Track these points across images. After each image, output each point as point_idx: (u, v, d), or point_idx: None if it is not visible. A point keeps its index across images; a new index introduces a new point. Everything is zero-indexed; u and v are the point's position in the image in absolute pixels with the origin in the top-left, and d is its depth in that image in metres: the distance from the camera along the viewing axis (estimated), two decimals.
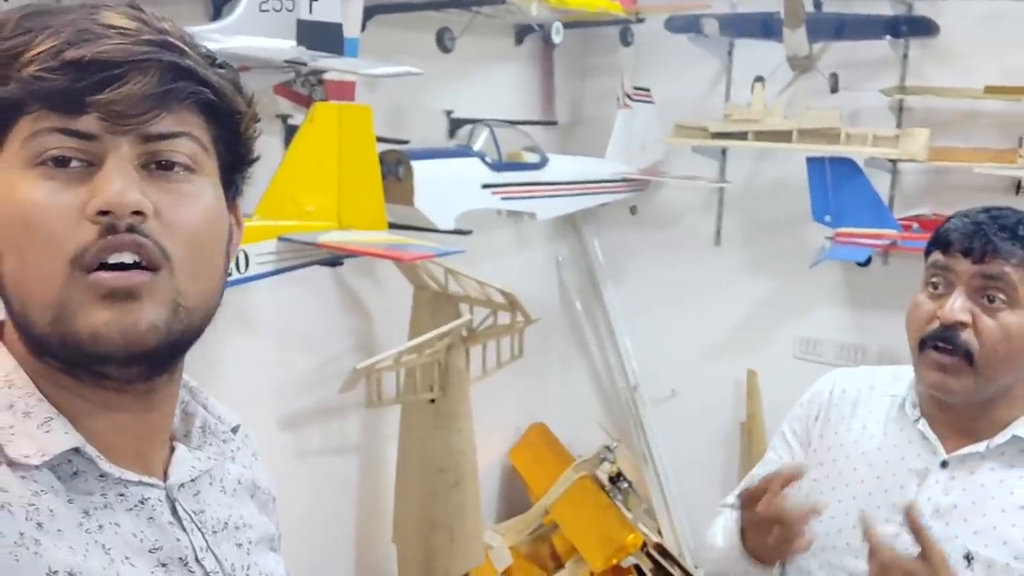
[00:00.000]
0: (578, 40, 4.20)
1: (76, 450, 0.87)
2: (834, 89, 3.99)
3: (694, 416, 4.57)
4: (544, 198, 3.79)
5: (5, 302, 0.87)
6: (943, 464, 1.65)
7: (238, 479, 1.06)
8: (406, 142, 3.34)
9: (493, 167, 3.53)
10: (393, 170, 3.19)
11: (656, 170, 4.38)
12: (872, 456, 1.72)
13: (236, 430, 1.08)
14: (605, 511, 4.14)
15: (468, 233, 3.35)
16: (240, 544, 1.01)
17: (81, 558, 0.83)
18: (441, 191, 3.29)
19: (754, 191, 4.37)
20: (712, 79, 4.37)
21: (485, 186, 3.50)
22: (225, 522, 1.00)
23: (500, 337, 3.55)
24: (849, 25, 3.90)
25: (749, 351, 4.45)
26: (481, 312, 3.50)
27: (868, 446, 1.74)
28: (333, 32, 2.63)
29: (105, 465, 0.88)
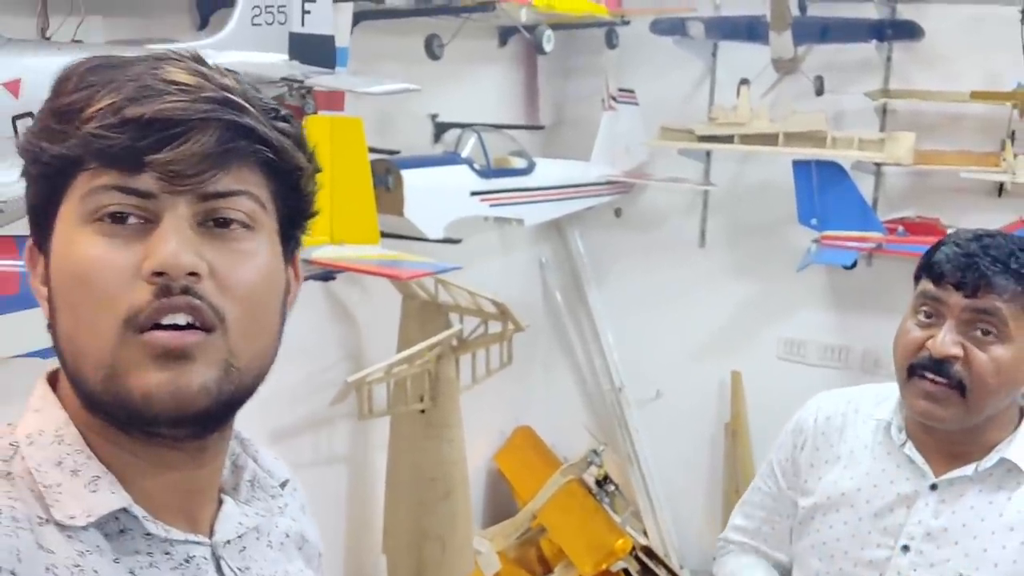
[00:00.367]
0: (562, 41, 4.17)
1: (123, 509, 0.86)
2: (819, 92, 4.00)
3: (679, 417, 4.57)
4: (531, 204, 3.77)
5: (59, 356, 0.87)
6: (932, 487, 1.66)
7: (286, 532, 1.04)
8: (396, 152, 3.30)
9: (481, 174, 3.50)
10: (383, 180, 3.15)
11: (641, 172, 4.37)
12: (861, 481, 1.72)
13: (285, 485, 1.06)
14: (593, 515, 4.14)
15: (458, 242, 3.32)
16: None
17: None
18: (431, 200, 3.26)
19: (739, 193, 4.37)
20: (696, 80, 4.36)
21: (474, 193, 3.47)
22: None
23: (490, 346, 3.52)
24: (834, 28, 3.90)
25: (733, 352, 4.46)
26: (471, 321, 3.48)
27: (857, 471, 1.74)
28: (325, 45, 2.58)
29: (151, 526, 0.87)
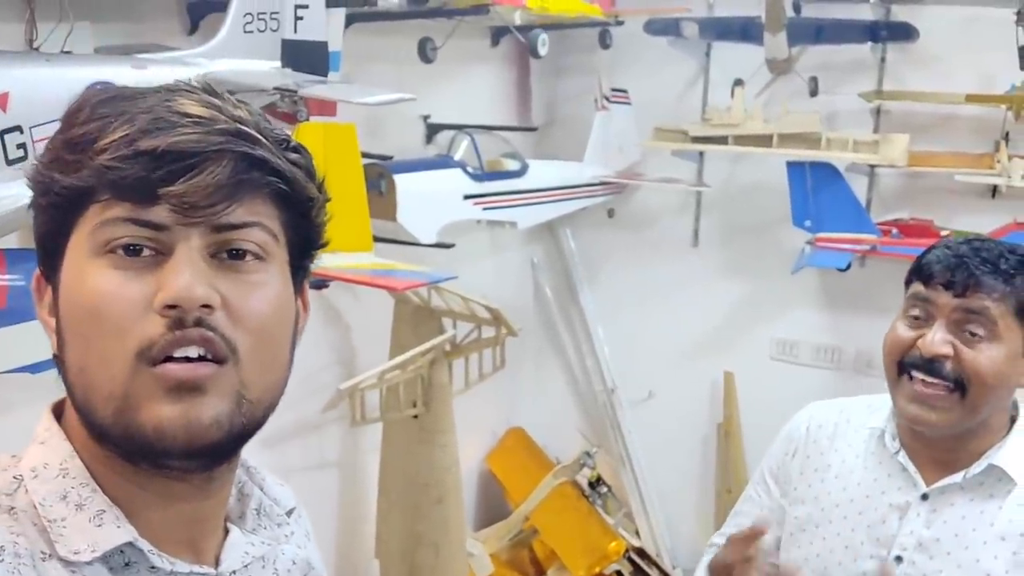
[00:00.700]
0: (555, 41, 4.13)
1: (129, 543, 0.86)
2: (813, 93, 3.98)
3: (671, 418, 4.57)
4: (524, 206, 3.74)
5: (67, 388, 0.86)
6: (923, 497, 1.65)
7: (292, 560, 1.03)
8: (389, 158, 3.26)
9: (474, 177, 3.47)
10: (375, 185, 3.12)
11: (634, 172, 4.34)
12: (853, 491, 1.72)
13: (291, 513, 1.06)
14: (586, 518, 4.13)
15: (451, 246, 3.29)
16: None
17: None
18: (423, 205, 3.23)
19: (732, 193, 4.35)
20: (690, 81, 4.33)
21: (467, 197, 3.44)
22: None
23: (483, 350, 3.50)
24: (828, 29, 3.88)
25: (726, 353, 4.45)
26: (464, 325, 3.45)
27: (849, 481, 1.74)
28: (318, 51, 2.54)
29: (156, 559, 0.87)
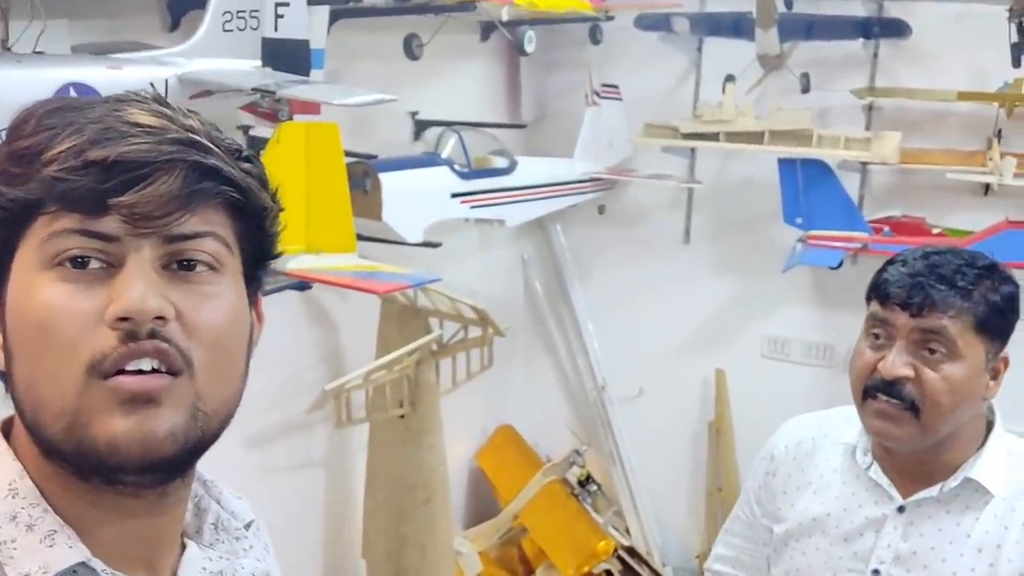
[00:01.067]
0: (545, 36, 4.10)
1: (82, 563, 0.83)
2: (805, 89, 3.94)
3: (662, 415, 4.54)
4: (513, 204, 3.70)
5: (16, 405, 0.84)
6: (900, 510, 1.65)
7: (252, 573, 1.01)
8: (374, 156, 3.23)
9: (462, 175, 3.44)
10: (360, 183, 3.08)
11: (625, 168, 4.31)
12: (830, 505, 1.73)
13: (249, 526, 1.04)
14: (575, 516, 4.11)
15: (437, 245, 3.26)
16: None
17: None
18: (409, 204, 3.19)
19: (723, 189, 4.32)
20: (681, 76, 4.30)
21: (454, 195, 3.41)
22: None
23: (470, 350, 3.47)
24: (820, 25, 3.86)
25: (717, 350, 4.43)
26: (451, 325, 3.42)
27: (827, 495, 1.74)
28: (300, 50, 2.50)
29: None
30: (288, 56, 2.47)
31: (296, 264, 2.59)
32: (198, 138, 0.83)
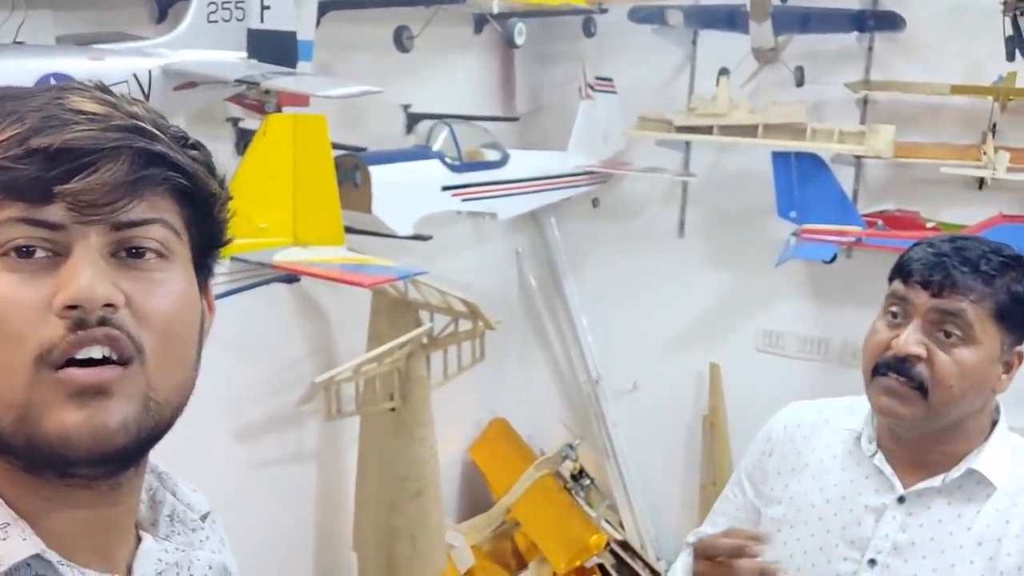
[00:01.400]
0: (538, 28, 4.09)
1: (36, 555, 0.83)
2: (799, 82, 3.93)
3: (656, 409, 4.53)
4: (505, 197, 3.69)
5: None
6: (900, 500, 1.64)
7: (208, 565, 1.00)
8: (363, 150, 3.21)
9: (453, 168, 3.42)
10: (350, 176, 3.07)
11: (619, 161, 4.30)
12: (829, 492, 1.71)
13: (205, 518, 1.04)
14: (568, 510, 4.11)
15: (428, 238, 3.25)
16: None
17: None
18: (400, 197, 3.18)
19: (718, 182, 4.30)
20: (675, 69, 4.27)
21: (445, 188, 3.40)
22: None
23: (461, 343, 3.46)
24: (815, 18, 3.83)
25: (712, 344, 4.42)
26: (442, 318, 3.41)
27: (825, 482, 1.72)
28: (286, 41, 2.49)
29: (66, 570, 0.84)
30: (274, 48, 2.46)
31: (283, 256, 2.58)
32: (143, 125, 0.83)
